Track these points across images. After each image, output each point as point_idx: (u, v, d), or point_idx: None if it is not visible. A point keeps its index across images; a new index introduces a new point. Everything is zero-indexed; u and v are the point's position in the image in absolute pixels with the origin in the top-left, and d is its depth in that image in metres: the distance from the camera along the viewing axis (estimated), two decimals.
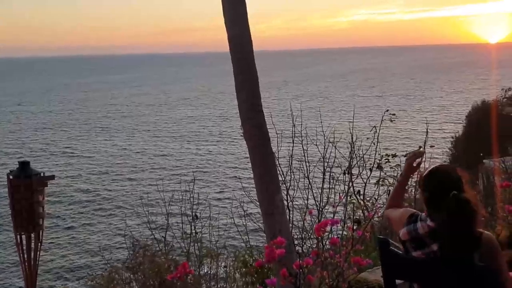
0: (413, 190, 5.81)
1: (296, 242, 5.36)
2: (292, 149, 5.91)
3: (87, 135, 53.56)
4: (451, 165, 2.89)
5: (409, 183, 6.01)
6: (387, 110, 6.21)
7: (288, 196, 5.58)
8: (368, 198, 6.08)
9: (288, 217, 5.06)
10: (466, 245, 2.47)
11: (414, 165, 3.02)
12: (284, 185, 5.53)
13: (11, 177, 4.51)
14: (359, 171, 6.05)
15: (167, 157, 42.37)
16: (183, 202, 6.03)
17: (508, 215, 4.29)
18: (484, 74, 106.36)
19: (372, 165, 6.02)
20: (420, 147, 6.02)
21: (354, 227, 4.05)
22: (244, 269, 5.72)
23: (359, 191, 5.92)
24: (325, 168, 6.06)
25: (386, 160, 6.27)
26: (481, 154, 9.05)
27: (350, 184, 6.03)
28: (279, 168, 5.31)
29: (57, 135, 53.65)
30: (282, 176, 5.60)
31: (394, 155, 6.25)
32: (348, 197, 5.97)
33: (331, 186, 6.00)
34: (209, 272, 5.54)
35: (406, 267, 2.72)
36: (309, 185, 6.01)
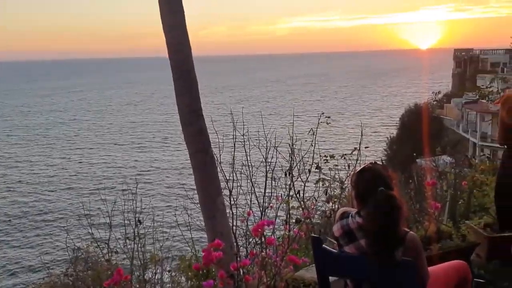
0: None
1: (240, 243, 5.45)
2: (234, 153, 6.01)
3: (25, 143, 51.44)
4: (382, 164, 2.99)
5: (346, 182, 6.29)
6: (323, 113, 6.41)
7: (232, 200, 5.66)
8: (307, 198, 6.26)
9: (231, 220, 5.14)
10: (390, 240, 2.57)
11: None
12: (227, 189, 5.61)
13: None
14: (299, 172, 6.21)
15: (109, 164, 41.39)
16: (126, 207, 5.99)
17: (435, 211, 4.54)
18: (417, 78, 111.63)
19: (311, 166, 6.20)
20: (355, 148, 6.26)
21: (291, 227, 4.17)
22: (189, 273, 5.74)
23: (299, 191, 6.07)
24: (267, 170, 6.18)
25: (325, 161, 6.46)
26: (414, 154, 9.50)
27: (291, 185, 6.18)
28: (222, 172, 5.39)
29: None
30: (225, 179, 5.68)
31: (332, 156, 6.46)
32: (289, 198, 6.11)
33: (273, 188, 6.13)
34: (153, 276, 5.53)
35: (337, 263, 2.82)
36: (252, 188, 6.11)
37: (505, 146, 3.82)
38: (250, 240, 5.65)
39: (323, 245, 2.82)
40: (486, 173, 6.14)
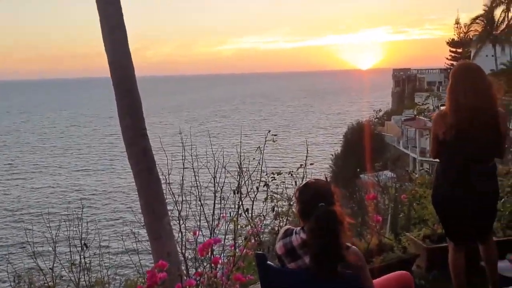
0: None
1: (190, 263, 5.42)
2: (183, 172, 6.01)
3: None
4: (324, 180, 3.06)
5: (293, 199, 6.40)
6: (269, 131, 6.52)
7: (181, 220, 5.63)
8: (256, 216, 6.31)
9: (181, 240, 5.12)
10: (332, 255, 2.60)
11: None
12: (176, 209, 5.59)
13: None
14: (247, 190, 6.26)
15: (53, 189, 39.95)
16: (71, 232, 5.84)
17: (376, 225, 4.72)
18: (358, 97, 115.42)
19: (259, 184, 6.27)
20: (301, 165, 6.40)
21: (237, 244, 4.18)
22: None
23: (247, 209, 6.11)
24: (216, 189, 6.20)
25: (272, 178, 6.55)
26: (358, 170, 9.82)
27: (240, 203, 6.22)
28: (171, 192, 5.37)
29: None
30: (174, 200, 5.66)
31: (279, 173, 6.56)
32: (238, 216, 6.14)
33: (222, 207, 6.15)
34: None
35: (281, 279, 2.82)
36: (201, 208, 6.10)
37: (438, 160, 4.03)
38: (200, 260, 5.65)
39: (267, 262, 2.82)
40: (424, 187, 6.43)
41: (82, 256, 5.41)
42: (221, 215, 5.96)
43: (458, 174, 3.77)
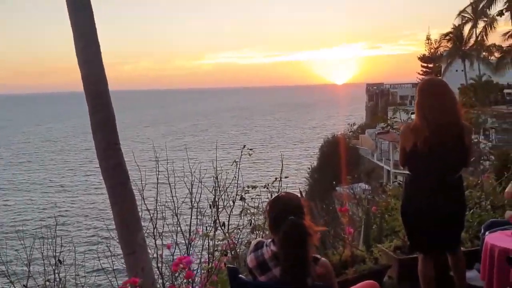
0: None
1: (166, 278, 5.41)
2: (157, 187, 6.02)
3: None
4: (295, 194, 3.11)
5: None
6: (244, 146, 6.58)
7: (156, 234, 5.62)
8: (232, 229, 6.33)
9: (157, 255, 5.12)
10: (301, 267, 2.64)
11: None
12: (152, 224, 5.58)
13: None
14: (223, 204, 6.29)
15: (27, 205, 39.20)
16: (45, 251, 5.76)
17: (349, 236, 4.81)
18: (334, 111, 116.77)
19: (235, 197, 6.31)
20: (276, 178, 6.46)
21: (212, 258, 4.20)
22: None
23: (223, 223, 6.14)
24: (193, 203, 6.21)
25: (246, 192, 6.59)
26: (334, 182, 9.95)
27: (216, 217, 6.23)
28: (146, 206, 5.37)
29: None
30: (150, 214, 5.66)
31: (254, 187, 6.61)
32: (215, 231, 6.15)
33: (198, 221, 6.15)
34: None
35: None
36: (177, 222, 6.10)
37: (408, 171, 4.12)
38: (176, 275, 5.63)
39: (239, 275, 2.85)
40: (396, 199, 6.55)
41: (57, 272, 5.34)
42: (196, 229, 5.97)
43: (438, 181, 3.88)
